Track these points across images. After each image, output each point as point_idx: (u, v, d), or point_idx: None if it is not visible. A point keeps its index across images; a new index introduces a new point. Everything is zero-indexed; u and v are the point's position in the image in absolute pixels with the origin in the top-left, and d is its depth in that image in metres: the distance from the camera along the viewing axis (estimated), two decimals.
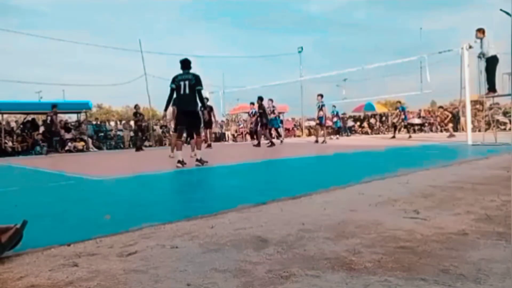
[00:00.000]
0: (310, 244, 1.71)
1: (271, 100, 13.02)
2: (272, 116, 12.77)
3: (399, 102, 17.47)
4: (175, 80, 6.11)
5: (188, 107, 6.12)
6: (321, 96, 13.23)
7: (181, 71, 6.23)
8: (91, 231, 2.07)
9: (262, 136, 12.44)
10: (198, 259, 1.58)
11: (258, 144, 12.02)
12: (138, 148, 13.59)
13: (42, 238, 1.97)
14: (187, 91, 6.01)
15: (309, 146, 11.40)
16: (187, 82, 6.03)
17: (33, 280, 1.42)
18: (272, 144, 11.59)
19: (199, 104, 6.38)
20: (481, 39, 8.60)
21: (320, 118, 13.25)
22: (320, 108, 13.11)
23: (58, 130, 14.44)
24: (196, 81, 6.04)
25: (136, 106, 14.17)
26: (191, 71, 6.24)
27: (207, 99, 11.89)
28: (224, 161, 7.54)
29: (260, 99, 12.23)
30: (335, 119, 18.81)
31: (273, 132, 14.20)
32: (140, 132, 14.37)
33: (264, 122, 12.10)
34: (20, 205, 3.25)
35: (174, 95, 6.18)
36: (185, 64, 6.21)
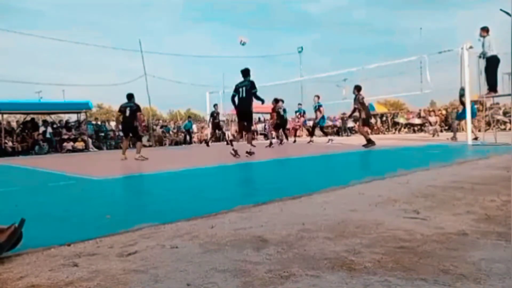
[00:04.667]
0: (310, 244, 1.71)
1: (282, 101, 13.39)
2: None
3: (299, 104, 16.60)
4: None
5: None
6: (318, 97, 13.26)
7: None
8: (91, 231, 2.07)
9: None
10: (198, 259, 1.58)
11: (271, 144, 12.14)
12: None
13: (42, 238, 1.97)
14: None
15: (309, 146, 11.40)
16: None
17: (33, 280, 1.42)
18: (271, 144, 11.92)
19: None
20: (484, 38, 8.59)
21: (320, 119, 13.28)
22: (317, 109, 13.12)
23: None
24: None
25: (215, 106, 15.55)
26: None
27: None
28: (224, 161, 7.54)
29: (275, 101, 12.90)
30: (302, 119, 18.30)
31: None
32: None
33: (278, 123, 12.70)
34: (20, 205, 3.25)
35: None
36: None
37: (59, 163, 9.50)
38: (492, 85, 8.71)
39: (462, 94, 10.20)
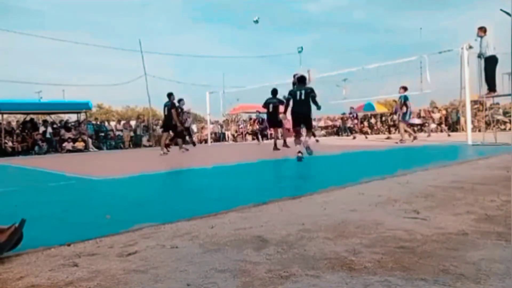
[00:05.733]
0: (310, 244, 1.71)
1: None
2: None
3: (352, 107, 17.95)
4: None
5: None
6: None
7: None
8: (91, 231, 2.07)
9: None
10: (198, 259, 1.58)
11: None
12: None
13: (42, 238, 1.97)
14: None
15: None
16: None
17: (33, 280, 1.42)
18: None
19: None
20: (481, 37, 8.59)
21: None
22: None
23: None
24: None
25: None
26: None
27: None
28: (224, 161, 7.54)
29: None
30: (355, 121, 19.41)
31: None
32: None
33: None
34: (20, 205, 3.25)
35: None
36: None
37: (59, 163, 9.50)
38: (491, 85, 8.71)
39: (406, 99, 11.23)
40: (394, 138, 13.39)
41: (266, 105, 10.24)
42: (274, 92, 10.16)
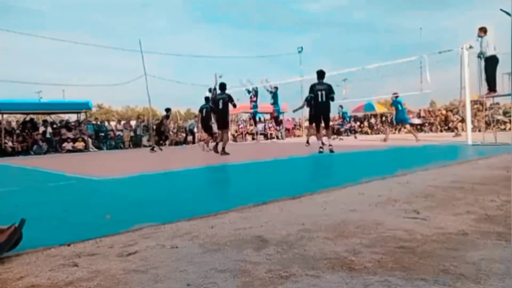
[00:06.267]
0: (310, 244, 1.71)
1: None
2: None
3: (340, 106, 17.48)
4: None
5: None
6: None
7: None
8: (91, 231, 2.07)
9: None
10: (198, 259, 1.58)
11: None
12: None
13: (42, 238, 1.97)
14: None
15: (309, 146, 11.39)
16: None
17: (33, 280, 1.42)
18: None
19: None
20: (482, 37, 8.60)
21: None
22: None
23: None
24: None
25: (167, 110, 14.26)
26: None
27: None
28: (224, 161, 7.54)
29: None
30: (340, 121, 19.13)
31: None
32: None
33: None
34: (20, 205, 3.25)
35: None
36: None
37: (59, 163, 9.50)
38: (491, 85, 8.72)
39: (396, 102, 12.07)
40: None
41: (215, 102, 9.26)
42: (223, 86, 9.20)
